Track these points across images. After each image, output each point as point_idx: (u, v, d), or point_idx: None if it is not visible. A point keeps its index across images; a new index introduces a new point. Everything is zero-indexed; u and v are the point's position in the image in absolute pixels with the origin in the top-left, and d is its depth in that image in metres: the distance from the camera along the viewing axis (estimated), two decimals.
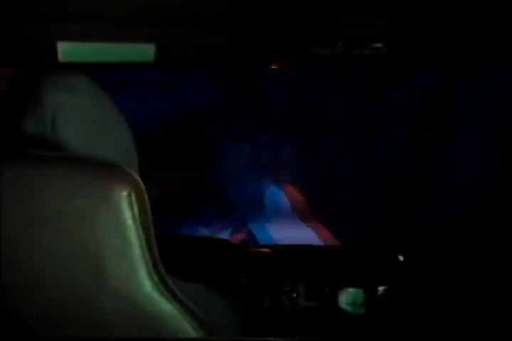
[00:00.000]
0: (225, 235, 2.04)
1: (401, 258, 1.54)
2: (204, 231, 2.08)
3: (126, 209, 0.77)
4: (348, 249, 1.79)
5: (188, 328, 0.81)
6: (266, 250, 1.59)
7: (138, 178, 0.79)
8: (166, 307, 0.80)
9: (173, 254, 0.98)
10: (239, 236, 2.04)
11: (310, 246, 1.80)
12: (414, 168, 2.10)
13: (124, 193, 0.77)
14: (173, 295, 0.81)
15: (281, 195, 2.19)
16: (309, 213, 2.16)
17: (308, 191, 2.22)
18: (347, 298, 1.51)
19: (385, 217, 2.00)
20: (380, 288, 1.51)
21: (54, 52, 1.25)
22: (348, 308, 1.51)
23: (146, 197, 0.79)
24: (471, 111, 2.06)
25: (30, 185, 0.77)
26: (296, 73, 2.14)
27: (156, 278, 0.80)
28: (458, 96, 2.07)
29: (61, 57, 1.26)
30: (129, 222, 0.77)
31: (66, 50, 1.25)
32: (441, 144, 2.09)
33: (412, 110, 2.12)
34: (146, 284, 0.79)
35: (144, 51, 1.28)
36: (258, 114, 2.18)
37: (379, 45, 1.20)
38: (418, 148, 2.11)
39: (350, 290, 1.51)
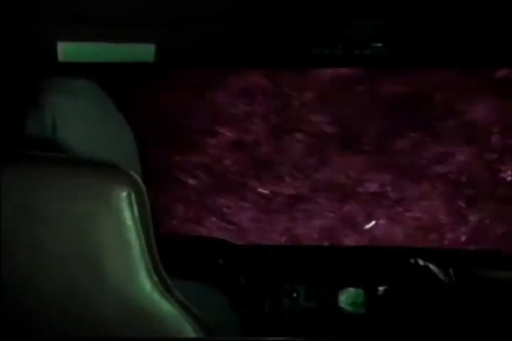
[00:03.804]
0: None
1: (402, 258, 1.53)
2: None
3: (126, 210, 0.77)
4: (348, 249, 1.79)
5: (187, 328, 0.81)
6: (266, 250, 1.59)
7: (138, 179, 0.80)
8: (165, 307, 0.80)
9: (173, 254, 0.98)
10: None
11: (310, 246, 1.79)
12: None
13: (124, 194, 0.77)
14: (172, 296, 0.81)
15: None
16: None
17: None
18: (347, 298, 1.51)
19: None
20: (380, 288, 1.51)
21: (54, 52, 1.25)
22: (348, 308, 1.51)
23: (146, 197, 0.79)
24: None
25: (31, 186, 0.77)
26: None
27: (156, 278, 0.80)
28: None
29: (61, 57, 1.26)
30: (129, 222, 0.77)
31: (66, 50, 1.25)
32: None
33: None
34: (146, 284, 0.79)
35: (144, 51, 1.28)
36: None
37: (379, 45, 1.20)
38: None
39: (351, 290, 1.51)
